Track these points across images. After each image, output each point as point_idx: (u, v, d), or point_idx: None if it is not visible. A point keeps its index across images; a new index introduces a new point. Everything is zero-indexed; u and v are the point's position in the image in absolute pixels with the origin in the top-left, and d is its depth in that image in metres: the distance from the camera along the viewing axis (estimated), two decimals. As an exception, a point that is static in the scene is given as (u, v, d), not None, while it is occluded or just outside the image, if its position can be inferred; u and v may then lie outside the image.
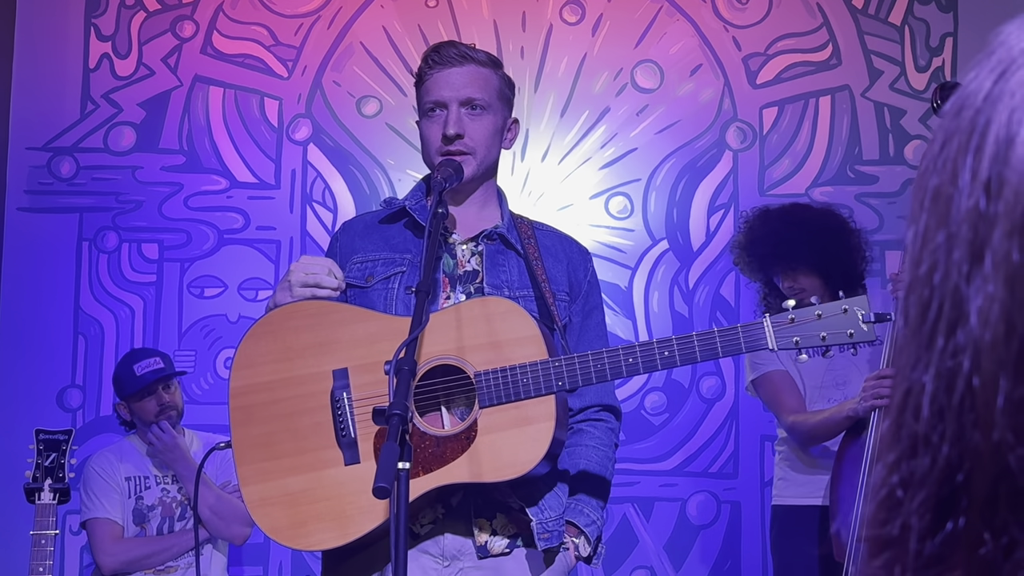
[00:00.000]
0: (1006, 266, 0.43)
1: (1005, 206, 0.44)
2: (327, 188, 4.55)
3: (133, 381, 3.67)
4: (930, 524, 0.48)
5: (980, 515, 0.47)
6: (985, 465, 0.46)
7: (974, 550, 0.47)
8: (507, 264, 2.33)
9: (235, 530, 3.67)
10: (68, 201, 4.49)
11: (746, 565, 4.40)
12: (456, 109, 2.29)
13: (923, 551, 0.49)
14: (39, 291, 4.44)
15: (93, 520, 3.67)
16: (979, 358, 0.45)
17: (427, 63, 2.33)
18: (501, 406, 2.14)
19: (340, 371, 2.21)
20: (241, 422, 2.24)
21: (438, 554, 2.22)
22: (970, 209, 0.45)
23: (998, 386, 0.45)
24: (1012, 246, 0.43)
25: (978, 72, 0.49)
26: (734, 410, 4.46)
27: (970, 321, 0.45)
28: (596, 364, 2.13)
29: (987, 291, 0.44)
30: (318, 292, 2.22)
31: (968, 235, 0.45)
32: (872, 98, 4.59)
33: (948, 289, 0.46)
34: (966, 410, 0.46)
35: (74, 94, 4.54)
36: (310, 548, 2.21)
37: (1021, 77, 0.48)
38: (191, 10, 4.61)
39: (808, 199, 4.16)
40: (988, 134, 0.46)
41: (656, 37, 4.62)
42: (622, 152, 4.57)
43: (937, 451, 0.47)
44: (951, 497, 0.48)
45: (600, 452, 2.38)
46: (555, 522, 2.26)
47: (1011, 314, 0.44)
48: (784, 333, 2.09)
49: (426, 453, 2.14)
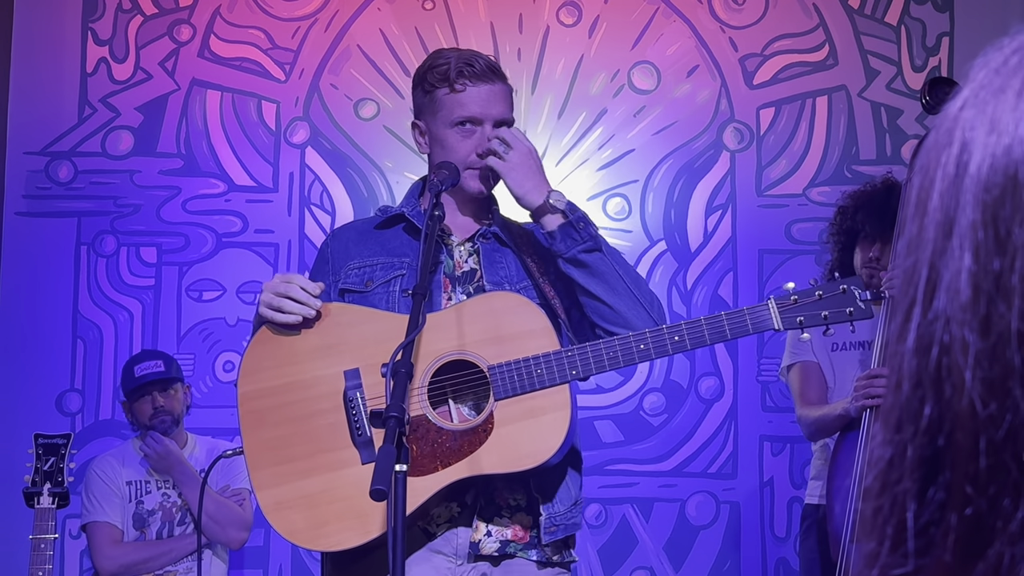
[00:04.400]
0: (972, 241, 0.50)
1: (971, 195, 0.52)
2: (325, 191, 4.56)
3: (130, 380, 3.70)
4: (918, 492, 0.52)
5: (964, 473, 0.50)
6: (963, 421, 0.50)
7: (961, 510, 0.50)
8: (504, 260, 2.36)
9: (232, 535, 3.67)
10: (66, 205, 4.50)
11: (745, 565, 4.41)
12: (491, 129, 2.32)
13: (914, 520, 0.52)
14: (38, 295, 4.44)
15: (93, 524, 3.68)
16: (950, 321, 0.51)
17: (460, 73, 2.31)
18: (516, 397, 2.17)
19: (352, 371, 2.22)
20: (252, 427, 2.24)
21: (451, 553, 2.24)
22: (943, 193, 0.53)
23: (967, 343, 0.50)
24: (977, 224, 0.51)
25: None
26: (733, 410, 4.46)
27: (943, 288, 0.51)
28: (608, 351, 2.17)
29: (957, 263, 0.51)
30: (276, 317, 2.21)
31: (940, 218, 0.52)
32: (869, 98, 4.60)
33: (924, 266, 0.52)
34: (942, 371, 0.51)
35: (72, 98, 4.54)
36: (331, 548, 2.21)
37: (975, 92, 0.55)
38: (188, 14, 4.61)
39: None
40: (953, 141, 0.54)
41: (653, 38, 4.62)
42: (619, 153, 4.58)
43: (919, 416, 0.52)
44: (935, 460, 0.51)
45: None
46: (564, 516, 2.27)
47: (977, 279, 0.50)
48: (788, 313, 2.17)
49: (443, 448, 2.16)
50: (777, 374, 4.39)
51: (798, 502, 4.34)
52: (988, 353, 0.50)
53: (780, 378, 3.66)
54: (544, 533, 2.24)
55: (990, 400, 0.50)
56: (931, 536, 0.52)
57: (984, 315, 0.50)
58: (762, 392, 4.47)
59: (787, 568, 4.39)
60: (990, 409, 0.50)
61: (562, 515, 2.27)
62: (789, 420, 4.34)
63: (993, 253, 0.50)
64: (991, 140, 0.52)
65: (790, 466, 4.44)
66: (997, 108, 0.52)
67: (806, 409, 3.36)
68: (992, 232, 0.50)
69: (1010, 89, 0.53)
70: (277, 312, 2.21)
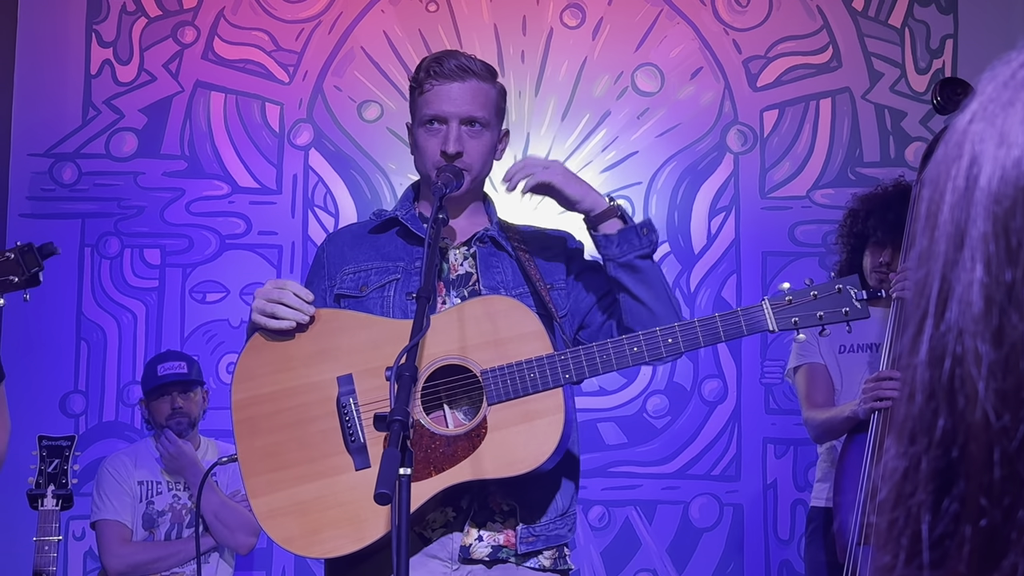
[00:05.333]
0: (983, 253, 0.51)
1: (981, 208, 0.53)
2: (328, 193, 4.56)
3: (151, 379, 3.71)
4: (932, 504, 0.52)
5: (978, 485, 0.50)
6: (977, 433, 0.50)
7: (976, 522, 0.50)
8: (500, 265, 2.35)
9: (240, 539, 3.67)
10: (70, 207, 4.50)
11: (749, 568, 4.40)
12: (456, 126, 2.31)
13: (929, 532, 0.52)
14: (41, 297, 4.44)
15: (103, 521, 3.69)
16: (962, 333, 0.51)
17: (428, 73, 2.33)
18: (509, 402, 2.15)
19: (345, 377, 2.22)
20: (246, 434, 2.24)
21: (447, 557, 2.23)
22: (953, 205, 0.54)
23: (980, 355, 0.50)
24: (988, 237, 0.52)
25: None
26: (736, 412, 4.46)
27: (955, 300, 0.52)
28: (601, 354, 2.15)
29: (969, 276, 0.51)
30: (270, 323, 2.21)
31: (951, 231, 0.53)
32: (873, 100, 4.59)
33: (936, 278, 0.53)
34: (955, 382, 0.51)
35: (76, 100, 4.55)
36: (326, 555, 2.21)
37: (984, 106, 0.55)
38: (192, 16, 4.61)
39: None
40: (963, 154, 0.54)
41: (656, 40, 4.62)
42: (623, 155, 4.58)
43: (933, 428, 0.52)
44: (949, 471, 0.52)
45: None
46: (545, 527, 2.26)
47: (989, 290, 0.51)
48: (783, 314, 2.15)
49: (437, 453, 2.15)
50: (780, 376, 4.39)
51: (802, 504, 4.33)
52: (1001, 364, 0.50)
53: (786, 379, 3.65)
54: (520, 542, 2.22)
55: (1004, 411, 0.50)
56: (946, 548, 0.52)
57: (997, 326, 0.50)
58: (765, 394, 4.47)
59: (790, 571, 4.39)
60: (1004, 420, 0.50)
61: (543, 526, 2.25)
62: (792, 422, 4.34)
63: (1005, 264, 0.50)
64: (1001, 153, 0.52)
65: (793, 468, 4.43)
66: (1006, 121, 0.53)
67: (813, 411, 3.34)
68: (1003, 243, 0.51)
69: (1019, 102, 0.53)
70: (271, 319, 2.21)
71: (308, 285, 2.40)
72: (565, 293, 2.37)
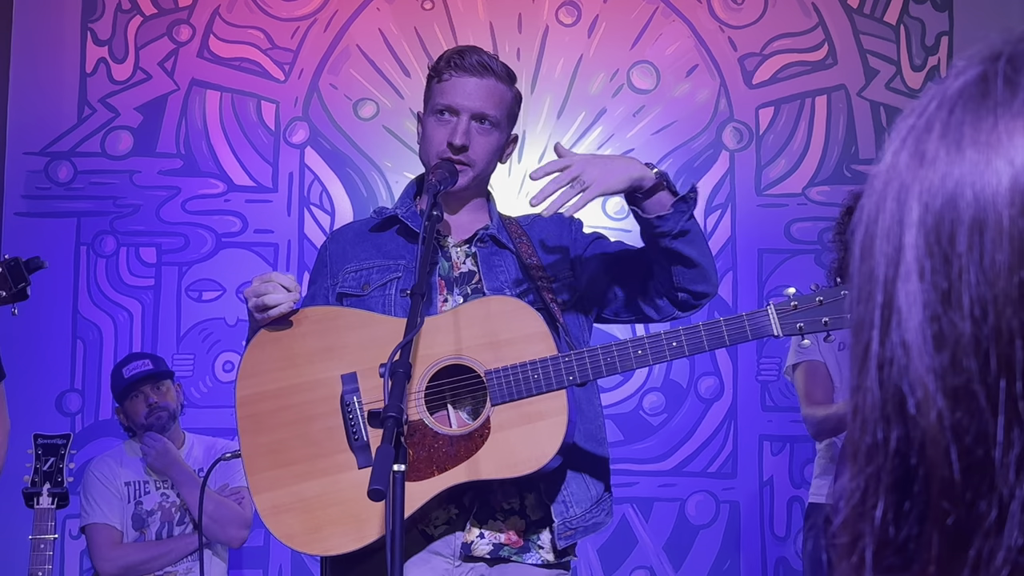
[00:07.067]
0: (918, 266, 0.55)
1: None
2: (324, 191, 4.56)
3: (120, 382, 3.69)
4: (895, 511, 0.54)
5: (939, 486, 0.53)
6: (933, 435, 0.53)
7: (941, 523, 0.52)
8: (503, 264, 2.35)
9: (231, 533, 3.67)
10: (66, 206, 4.50)
11: (745, 565, 4.41)
12: (467, 120, 2.31)
13: (895, 536, 0.54)
14: (37, 296, 4.42)
15: (92, 525, 3.68)
16: (907, 345, 0.54)
17: (448, 63, 2.34)
18: (513, 403, 2.15)
19: (349, 375, 2.22)
20: (250, 431, 2.24)
21: (449, 555, 2.23)
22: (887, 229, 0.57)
23: (926, 360, 0.53)
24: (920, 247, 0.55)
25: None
26: (732, 410, 4.46)
27: (896, 314, 0.55)
28: (606, 357, 2.15)
29: (907, 289, 0.55)
30: (269, 315, 2.20)
31: (889, 252, 0.56)
32: (868, 97, 4.60)
33: (878, 301, 0.56)
34: (905, 390, 0.54)
35: (71, 99, 4.55)
36: (327, 552, 2.20)
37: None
38: (187, 14, 4.61)
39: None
40: (890, 181, 0.58)
41: (652, 38, 4.62)
42: (619, 153, 4.58)
43: (887, 442, 0.55)
44: (908, 478, 0.54)
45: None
46: (581, 518, 2.26)
47: (928, 298, 0.54)
48: (788, 320, 2.13)
49: (440, 453, 2.15)
50: (777, 373, 4.39)
51: (798, 501, 4.34)
52: (948, 364, 0.53)
53: (785, 376, 3.66)
54: (559, 538, 2.22)
55: (956, 408, 0.52)
56: (910, 552, 0.53)
57: (937, 331, 0.53)
58: (762, 391, 4.47)
59: (787, 567, 4.39)
60: (957, 416, 0.52)
61: (579, 517, 2.25)
62: (789, 419, 4.35)
63: (940, 274, 0.54)
64: (925, 172, 0.56)
65: (790, 465, 4.44)
66: (928, 145, 0.56)
67: (812, 408, 3.36)
68: (937, 254, 0.54)
69: (937, 122, 0.57)
70: (265, 312, 2.21)
71: (312, 283, 2.41)
72: (572, 282, 2.37)
